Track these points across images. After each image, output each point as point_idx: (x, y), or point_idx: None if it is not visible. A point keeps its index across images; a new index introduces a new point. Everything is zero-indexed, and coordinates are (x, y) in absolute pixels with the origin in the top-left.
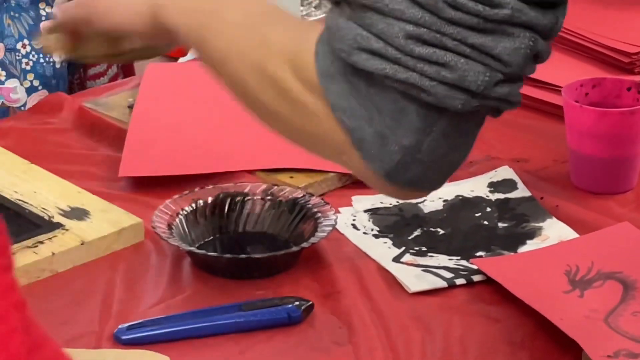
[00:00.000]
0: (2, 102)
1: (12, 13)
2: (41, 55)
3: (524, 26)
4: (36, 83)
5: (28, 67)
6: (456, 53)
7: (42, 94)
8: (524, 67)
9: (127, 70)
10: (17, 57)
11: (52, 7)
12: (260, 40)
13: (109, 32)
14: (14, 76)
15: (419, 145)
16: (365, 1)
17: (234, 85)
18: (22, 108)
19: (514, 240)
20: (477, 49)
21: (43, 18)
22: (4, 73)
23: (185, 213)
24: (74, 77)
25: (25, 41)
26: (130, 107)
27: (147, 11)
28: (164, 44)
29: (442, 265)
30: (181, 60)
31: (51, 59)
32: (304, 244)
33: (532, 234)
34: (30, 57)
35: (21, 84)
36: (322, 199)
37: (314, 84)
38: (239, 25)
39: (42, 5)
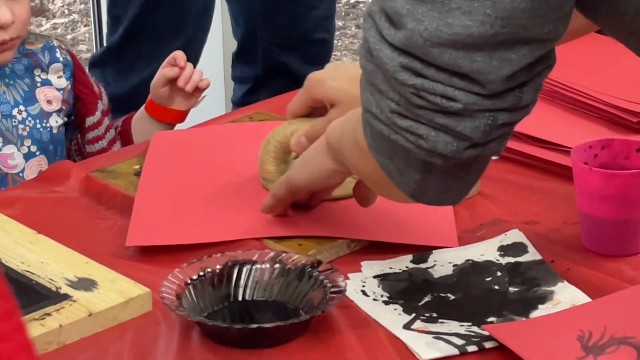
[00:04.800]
0: (0, 168)
1: (6, 80)
2: (37, 121)
3: (481, 110)
4: (34, 149)
5: (25, 133)
6: (428, 126)
7: (40, 159)
8: (487, 138)
9: (124, 135)
10: (14, 124)
11: (47, 73)
12: (354, 127)
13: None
14: (10, 142)
15: (425, 180)
16: (367, 76)
17: (351, 164)
18: (21, 174)
19: (525, 305)
20: (443, 126)
21: (38, 84)
22: (0, 139)
23: (194, 282)
24: (71, 142)
25: (21, 107)
26: (137, 174)
27: (332, 163)
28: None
29: (453, 331)
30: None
31: (48, 124)
32: (314, 313)
33: (544, 299)
34: (27, 123)
35: (18, 150)
36: (331, 266)
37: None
38: (351, 125)
39: (37, 72)
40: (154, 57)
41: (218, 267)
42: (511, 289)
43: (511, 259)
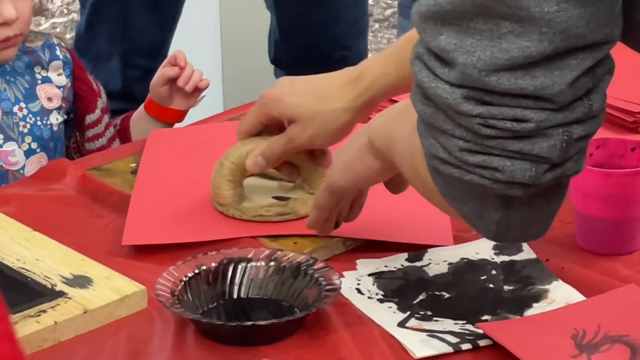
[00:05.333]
0: (1, 165)
1: (7, 77)
2: (38, 118)
3: (554, 126)
4: (34, 146)
5: (25, 130)
6: (502, 157)
7: (40, 156)
8: (565, 156)
9: (122, 133)
10: (15, 120)
11: (47, 70)
12: (410, 150)
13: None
14: (11, 139)
15: (506, 217)
16: (427, 119)
17: (408, 176)
18: (21, 171)
19: (520, 303)
20: (518, 152)
21: (39, 82)
22: (1, 136)
23: (189, 280)
24: (70, 140)
25: (22, 104)
26: (134, 172)
27: (378, 163)
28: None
29: (447, 329)
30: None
31: (48, 122)
32: (309, 310)
33: (538, 297)
34: (27, 120)
35: (19, 147)
36: (326, 264)
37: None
38: (404, 142)
39: (37, 69)
40: (119, 38)
41: (213, 264)
42: (506, 287)
43: (506, 258)
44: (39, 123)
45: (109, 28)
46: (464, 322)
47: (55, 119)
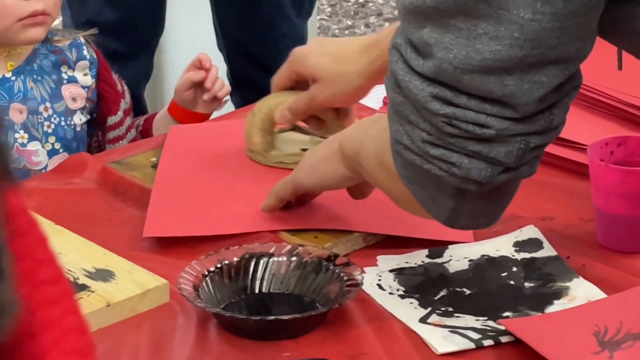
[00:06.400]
0: (24, 165)
1: (34, 76)
2: (62, 118)
3: (514, 135)
4: (57, 146)
5: (50, 130)
6: (461, 154)
7: (62, 156)
8: (520, 161)
9: (145, 135)
10: (39, 120)
11: (73, 70)
12: (378, 147)
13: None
14: (35, 139)
15: (460, 206)
16: (396, 107)
17: (374, 172)
18: (43, 171)
19: (540, 300)
20: (477, 153)
21: (65, 81)
22: (26, 136)
23: (211, 274)
24: (92, 139)
25: (48, 104)
26: (154, 166)
27: (345, 170)
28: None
29: (469, 325)
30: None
31: (72, 122)
32: (331, 306)
33: (559, 294)
34: (52, 120)
35: (43, 147)
36: (348, 259)
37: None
38: (374, 142)
39: (64, 69)
40: None
41: (235, 259)
42: (527, 284)
43: (527, 255)
44: (62, 123)
45: None
46: (485, 318)
47: (79, 119)
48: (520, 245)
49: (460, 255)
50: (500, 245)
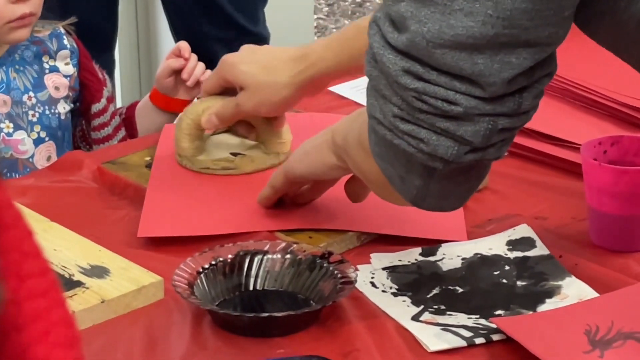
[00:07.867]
0: (11, 153)
1: (17, 66)
2: (46, 107)
3: (482, 114)
4: (43, 134)
5: (34, 119)
6: (430, 130)
7: (48, 145)
8: (487, 142)
9: (128, 122)
10: (24, 109)
11: (55, 60)
12: (360, 130)
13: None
14: (21, 128)
15: (427, 185)
16: (371, 81)
17: (353, 163)
18: (31, 159)
19: (533, 299)
20: (444, 130)
21: (47, 71)
22: (11, 125)
23: (206, 271)
24: (76, 129)
25: (31, 94)
26: (148, 166)
27: (334, 159)
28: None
29: (461, 323)
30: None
31: (56, 111)
32: (324, 303)
33: (551, 293)
34: (36, 109)
35: (28, 136)
36: (342, 257)
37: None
38: (359, 128)
39: (45, 59)
40: None
41: (230, 256)
42: (519, 283)
43: (519, 254)
44: (47, 112)
45: None
46: (477, 316)
47: (63, 108)
48: (513, 244)
49: (453, 254)
50: (493, 244)
